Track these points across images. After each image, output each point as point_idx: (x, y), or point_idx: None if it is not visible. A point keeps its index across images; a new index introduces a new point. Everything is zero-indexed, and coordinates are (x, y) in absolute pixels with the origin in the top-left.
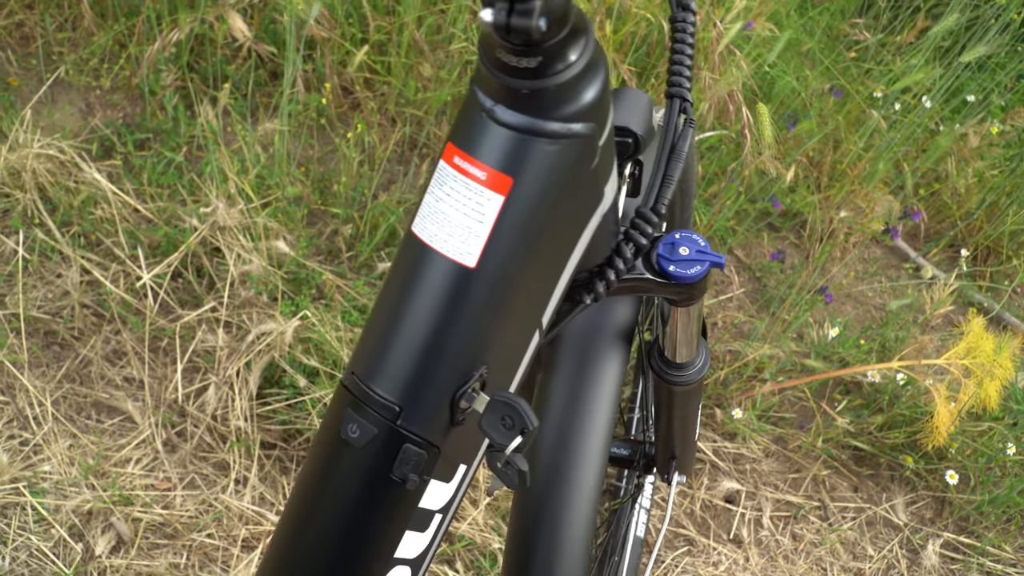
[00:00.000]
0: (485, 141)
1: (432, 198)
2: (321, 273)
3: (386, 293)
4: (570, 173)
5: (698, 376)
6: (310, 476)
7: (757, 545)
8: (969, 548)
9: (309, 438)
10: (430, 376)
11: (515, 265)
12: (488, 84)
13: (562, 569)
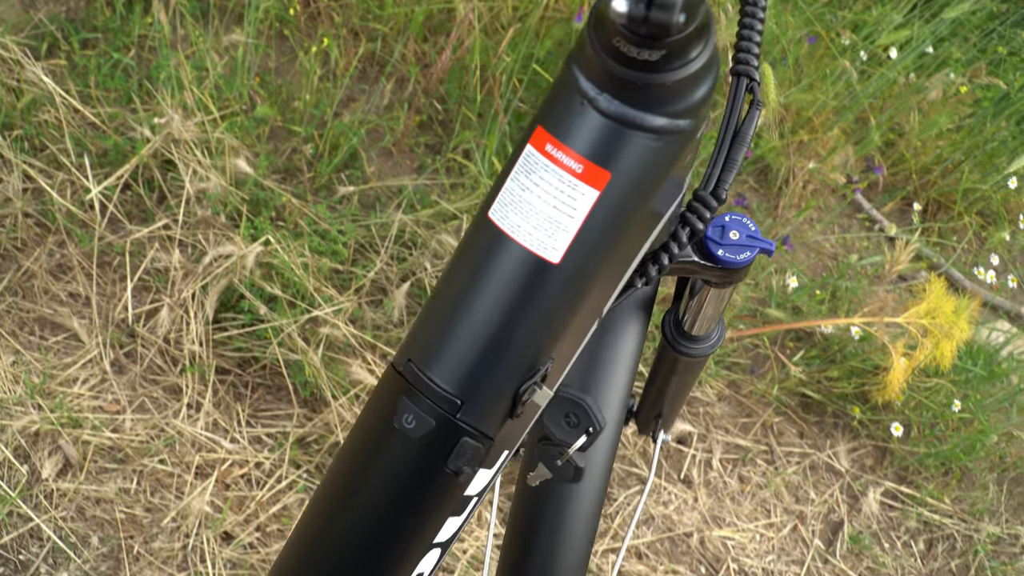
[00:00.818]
0: (584, 131)
1: (516, 185)
2: (281, 195)
3: (453, 278)
4: (667, 169)
5: (710, 351)
6: (353, 460)
7: (706, 486)
8: (908, 498)
9: (266, 366)
10: (496, 370)
11: (597, 260)
12: (593, 69)
13: (568, 544)
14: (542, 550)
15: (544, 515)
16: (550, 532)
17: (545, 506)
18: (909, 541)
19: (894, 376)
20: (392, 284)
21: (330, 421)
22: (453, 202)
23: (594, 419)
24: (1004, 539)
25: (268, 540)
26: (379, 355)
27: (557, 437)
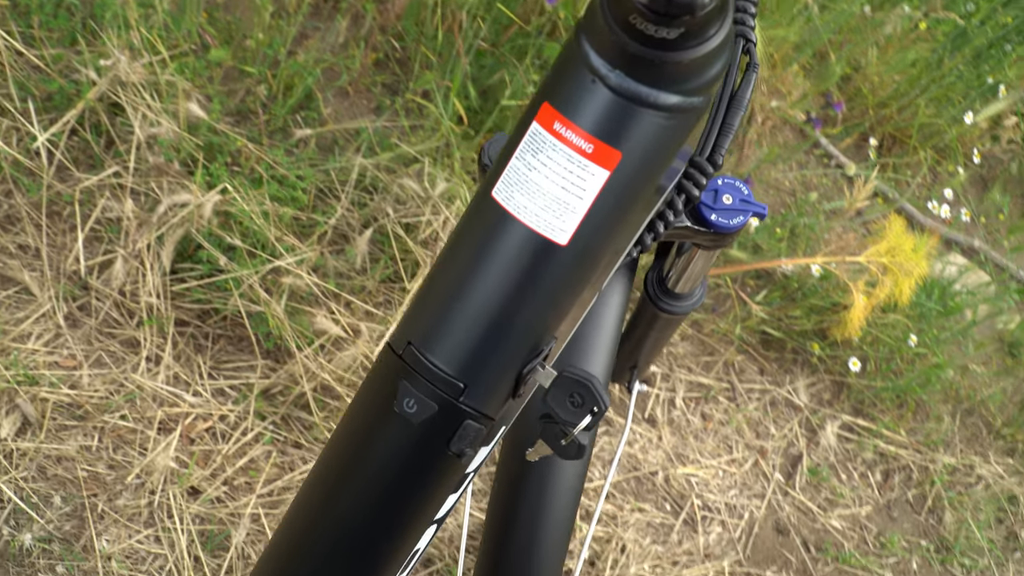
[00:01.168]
0: (595, 110)
1: (522, 165)
2: (236, 139)
3: (453, 259)
4: (677, 145)
5: (692, 309)
6: (352, 442)
7: (670, 424)
8: (864, 430)
9: (227, 317)
10: (500, 353)
11: (604, 240)
12: (605, 44)
13: (552, 518)
14: (526, 523)
15: (528, 487)
16: (534, 502)
17: (529, 478)
18: (866, 472)
19: (854, 314)
20: (354, 231)
21: (295, 372)
22: (414, 145)
23: (599, 399)
24: (959, 469)
25: (236, 494)
26: (343, 304)
27: (561, 417)
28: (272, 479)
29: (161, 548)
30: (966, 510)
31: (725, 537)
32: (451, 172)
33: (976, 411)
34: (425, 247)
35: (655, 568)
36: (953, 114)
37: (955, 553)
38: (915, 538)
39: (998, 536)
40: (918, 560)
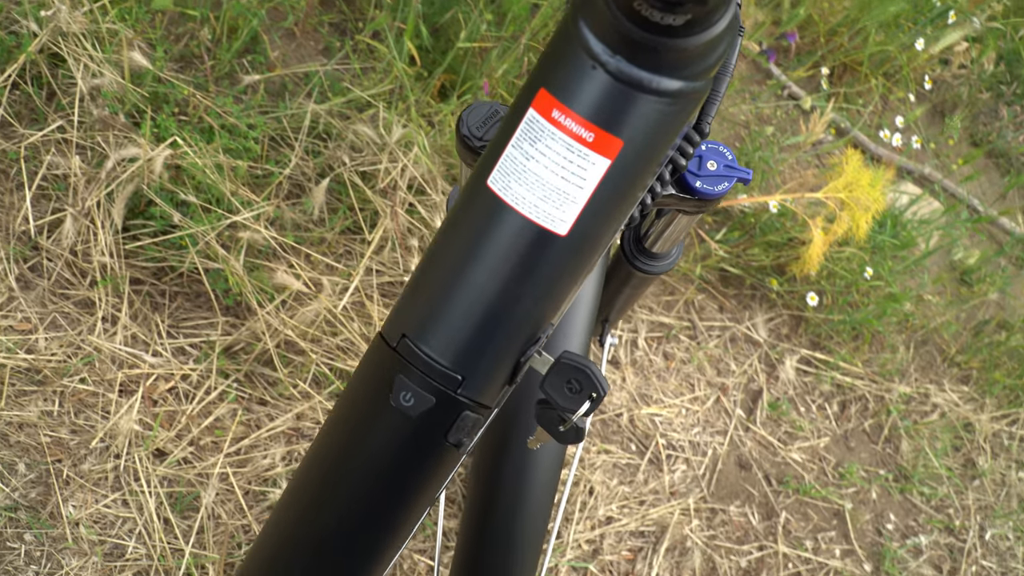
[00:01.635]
0: (597, 97)
1: (519, 154)
2: (182, 88)
3: (448, 249)
4: (679, 129)
5: (668, 268)
6: (347, 434)
7: (633, 365)
8: (822, 363)
9: (183, 274)
10: (498, 344)
11: (604, 227)
12: (606, 30)
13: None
14: (506, 501)
15: (507, 468)
16: (514, 481)
17: (509, 459)
18: (824, 404)
19: (813, 250)
20: (310, 181)
21: (257, 329)
22: (366, 88)
23: (598, 385)
24: (915, 398)
25: (203, 454)
26: (303, 258)
27: (560, 404)
28: (239, 437)
29: (129, 511)
30: (923, 439)
31: (689, 474)
32: (407, 118)
33: (930, 340)
34: (384, 196)
35: (623, 508)
36: (903, 41)
37: (914, 482)
38: (873, 468)
39: (955, 464)
40: (877, 489)
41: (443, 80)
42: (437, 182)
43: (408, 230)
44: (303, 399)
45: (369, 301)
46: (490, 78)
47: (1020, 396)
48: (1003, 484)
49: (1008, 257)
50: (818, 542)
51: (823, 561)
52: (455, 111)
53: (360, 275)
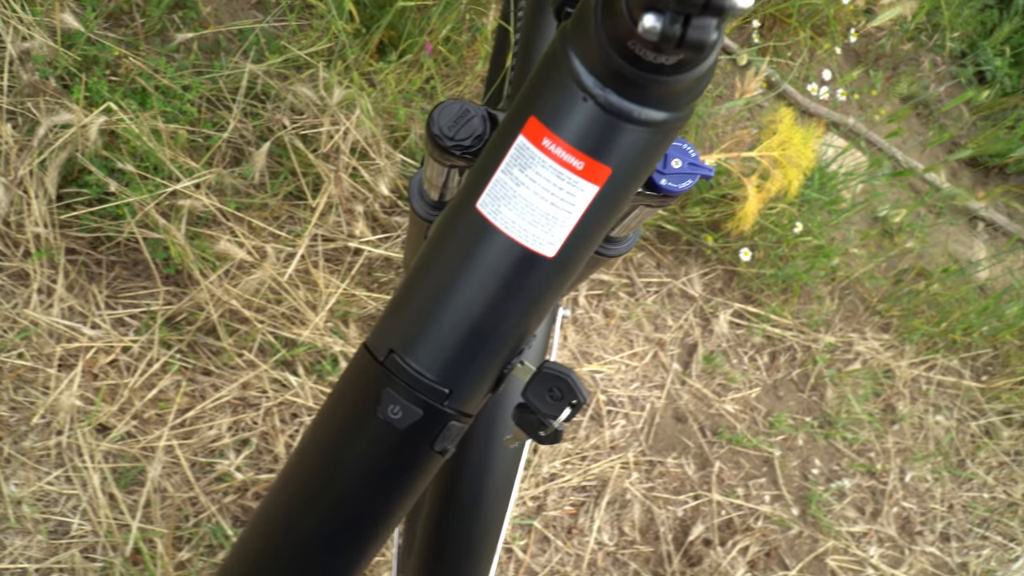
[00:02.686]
0: (587, 128)
1: (510, 179)
2: (113, 48)
3: (436, 269)
4: (662, 152)
5: (624, 252)
6: (331, 445)
7: (574, 323)
8: (754, 315)
9: (120, 243)
10: (484, 358)
11: (589, 247)
12: (597, 64)
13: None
14: (468, 493)
15: (468, 459)
16: (475, 473)
17: (468, 450)
18: (755, 355)
19: (748, 208)
20: (250, 144)
21: (200, 298)
22: (304, 47)
23: (578, 392)
24: (839, 347)
25: (147, 427)
26: (245, 226)
27: (541, 410)
28: (184, 409)
29: (73, 488)
30: (846, 386)
31: (629, 429)
32: (348, 79)
33: (854, 291)
34: (327, 160)
35: (566, 464)
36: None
37: (837, 428)
38: (800, 416)
39: (876, 409)
40: (804, 436)
41: (383, 37)
42: (380, 146)
43: (352, 195)
44: (249, 368)
45: (315, 268)
46: (432, 37)
47: (937, 343)
48: (921, 428)
49: (927, 207)
50: (749, 489)
51: (754, 507)
52: (396, 70)
53: (306, 242)
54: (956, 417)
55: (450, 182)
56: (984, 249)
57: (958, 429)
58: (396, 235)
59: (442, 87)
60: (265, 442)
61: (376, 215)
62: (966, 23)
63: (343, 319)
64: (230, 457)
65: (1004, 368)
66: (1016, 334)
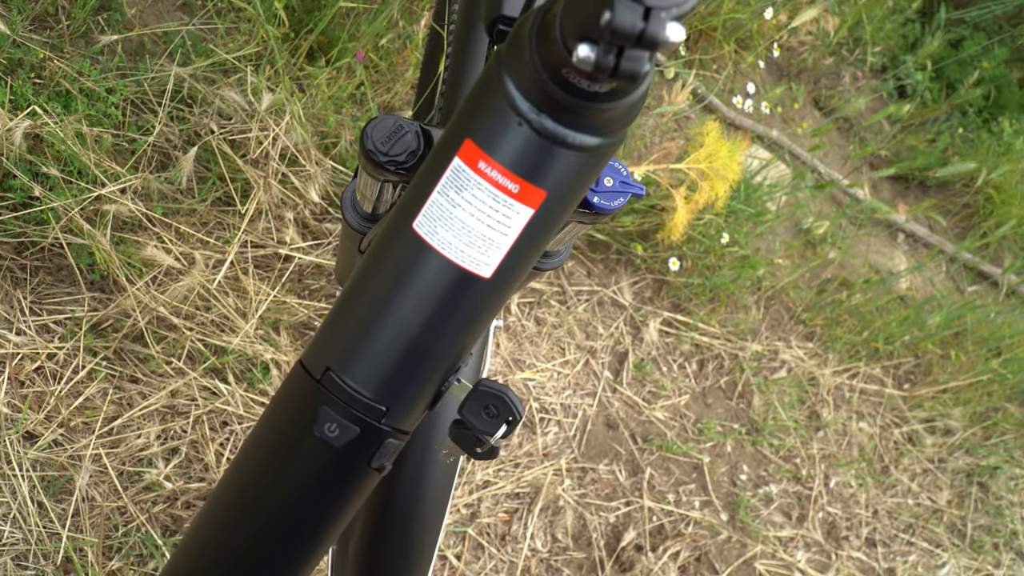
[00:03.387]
0: (522, 152)
1: (446, 201)
2: (38, 51)
3: (372, 286)
4: (595, 175)
5: (556, 266)
6: (266, 461)
7: (506, 331)
8: (682, 324)
9: (45, 248)
10: (421, 376)
11: (524, 267)
12: (532, 89)
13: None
14: (403, 506)
15: (403, 473)
16: (410, 486)
17: (403, 464)
18: (684, 363)
19: (678, 218)
20: (176, 149)
21: (127, 305)
22: (231, 51)
23: (514, 410)
24: (765, 356)
25: (74, 436)
26: (172, 232)
27: (477, 427)
28: (111, 417)
29: (3, 496)
30: (772, 393)
31: (561, 436)
32: (278, 84)
33: (778, 300)
34: (256, 166)
35: (499, 472)
36: (754, 8)
37: (764, 434)
38: (728, 422)
39: (801, 416)
40: (732, 443)
41: (313, 43)
42: (311, 152)
43: (282, 201)
44: (177, 376)
45: (244, 275)
46: (362, 44)
47: (860, 351)
48: (845, 434)
49: (849, 219)
50: (680, 495)
51: (684, 513)
52: (327, 76)
53: (235, 249)
54: (879, 424)
55: (383, 195)
56: (905, 260)
57: (881, 436)
58: (327, 242)
59: (372, 93)
60: (195, 451)
61: (306, 222)
62: (888, 37)
63: (274, 326)
64: (159, 466)
65: (926, 377)
66: (937, 343)
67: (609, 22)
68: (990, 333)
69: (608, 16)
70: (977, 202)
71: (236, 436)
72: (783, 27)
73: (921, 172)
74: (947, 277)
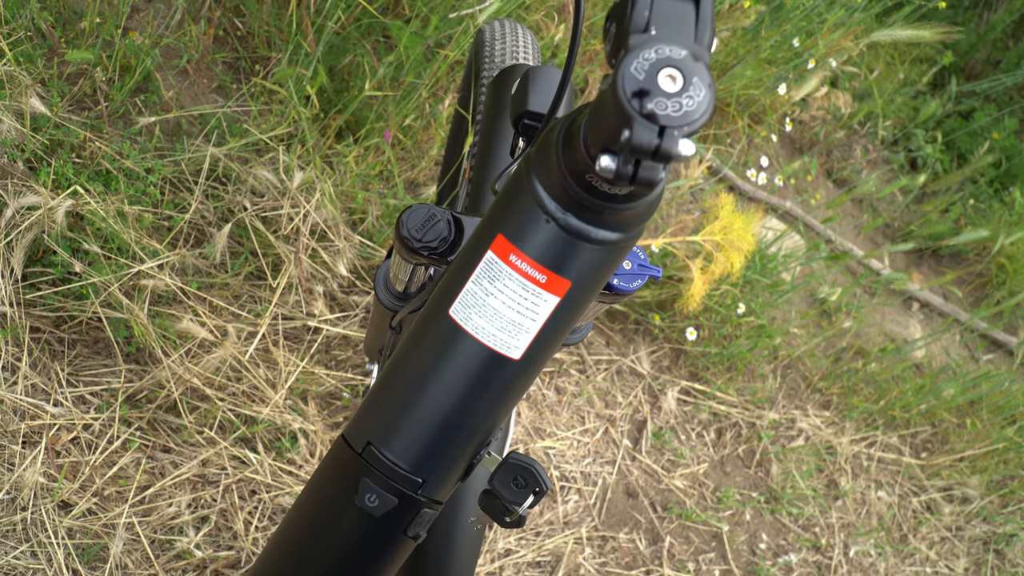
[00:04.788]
0: (549, 246)
1: (480, 290)
2: (79, 133)
3: (411, 367)
4: (616, 266)
5: (577, 342)
6: (309, 531)
7: (527, 400)
8: (700, 393)
9: (84, 323)
10: (455, 450)
11: (551, 349)
12: (558, 191)
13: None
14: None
15: (430, 547)
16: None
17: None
18: (702, 432)
19: (695, 289)
20: (211, 225)
21: (161, 376)
22: (264, 131)
23: (541, 481)
24: (782, 424)
25: (107, 505)
26: (207, 305)
27: (506, 497)
28: (144, 486)
29: (39, 563)
30: (790, 462)
31: (581, 504)
32: (308, 164)
33: (795, 368)
34: (287, 242)
35: (520, 540)
36: (767, 84)
37: (783, 503)
38: (747, 491)
39: (820, 484)
40: (751, 511)
41: (342, 123)
42: (339, 227)
43: (312, 275)
44: (208, 445)
45: (275, 347)
46: (390, 125)
47: (877, 420)
48: (863, 503)
49: (863, 287)
50: (699, 563)
51: None
52: (355, 154)
53: (266, 321)
54: (898, 493)
55: (415, 276)
56: (919, 329)
57: (900, 504)
58: (354, 314)
59: (399, 170)
60: (224, 519)
61: (335, 295)
62: (899, 110)
63: (302, 396)
64: (190, 534)
65: (943, 445)
66: (953, 412)
67: (628, 139)
68: (1005, 401)
69: (628, 134)
70: (990, 271)
71: (264, 504)
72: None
73: (934, 241)
74: (961, 345)
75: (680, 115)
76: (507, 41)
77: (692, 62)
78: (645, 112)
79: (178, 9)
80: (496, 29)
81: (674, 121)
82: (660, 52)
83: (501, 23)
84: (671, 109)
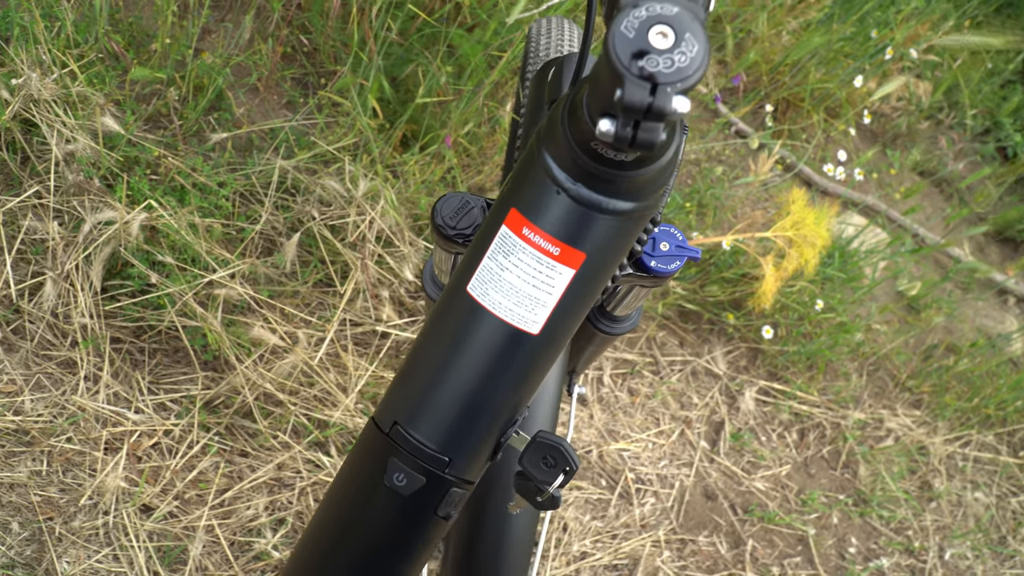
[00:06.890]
0: (561, 217)
1: (495, 265)
2: (153, 149)
3: (433, 347)
4: (633, 239)
5: (628, 330)
6: (342, 512)
7: (600, 402)
8: (780, 393)
9: (161, 331)
10: (481, 428)
11: (571, 324)
12: (567, 161)
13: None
14: (488, 548)
15: (487, 519)
16: (495, 531)
17: (488, 511)
18: (783, 433)
19: (766, 286)
20: (280, 235)
21: (236, 383)
22: (331, 142)
23: (570, 460)
24: (869, 424)
25: (188, 508)
26: (278, 312)
27: (537, 477)
28: (222, 490)
29: (121, 566)
30: (879, 463)
31: (659, 507)
32: (372, 170)
33: (882, 367)
34: (353, 249)
35: (596, 543)
36: (842, 77)
37: (873, 505)
38: (833, 493)
39: (912, 486)
40: (838, 514)
41: (405, 131)
42: (404, 233)
43: (378, 281)
44: (283, 449)
45: (344, 352)
46: (451, 130)
47: (971, 418)
48: (959, 505)
49: (954, 282)
50: (784, 568)
51: None
52: (419, 161)
53: (335, 327)
54: (995, 493)
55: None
56: (1015, 322)
57: (998, 505)
58: (421, 318)
59: (463, 176)
60: (300, 521)
61: (402, 299)
62: (986, 99)
63: (372, 400)
64: (267, 536)
65: None
66: None
67: (621, 98)
68: None
69: (620, 93)
70: None
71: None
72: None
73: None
74: None
75: (672, 71)
76: (552, 36)
77: (685, 18)
78: (636, 70)
79: (247, 29)
80: (543, 25)
81: (667, 78)
82: (651, 9)
83: (548, 19)
84: (663, 66)
